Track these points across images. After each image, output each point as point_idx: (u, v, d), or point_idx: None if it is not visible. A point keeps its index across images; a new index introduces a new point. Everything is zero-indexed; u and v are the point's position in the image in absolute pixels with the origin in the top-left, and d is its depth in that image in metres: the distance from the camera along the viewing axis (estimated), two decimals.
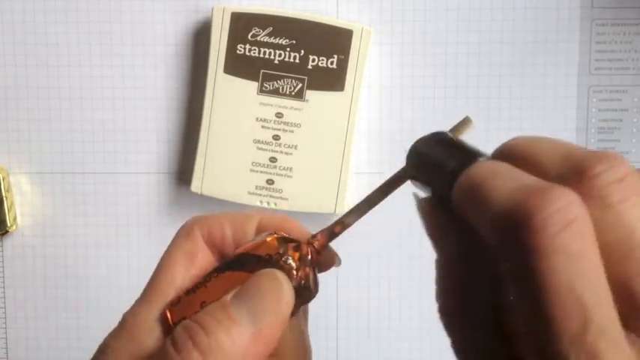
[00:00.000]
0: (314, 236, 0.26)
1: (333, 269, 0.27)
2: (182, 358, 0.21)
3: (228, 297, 0.23)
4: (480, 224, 0.19)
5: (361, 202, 0.26)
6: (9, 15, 0.54)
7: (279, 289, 0.23)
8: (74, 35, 0.54)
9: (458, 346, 0.21)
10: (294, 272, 0.24)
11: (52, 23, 0.54)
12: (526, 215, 0.17)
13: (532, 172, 0.19)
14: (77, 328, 0.56)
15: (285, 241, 0.25)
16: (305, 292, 0.24)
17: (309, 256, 0.25)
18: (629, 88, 0.54)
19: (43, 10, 0.54)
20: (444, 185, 0.21)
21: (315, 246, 0.25)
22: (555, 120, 0.54)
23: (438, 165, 0.22)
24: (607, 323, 0.17)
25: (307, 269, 0.24)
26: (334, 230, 0.26)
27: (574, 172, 0.19)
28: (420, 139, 0.24)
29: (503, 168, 0.20)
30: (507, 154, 0.21)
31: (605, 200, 0.18)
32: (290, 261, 0.24)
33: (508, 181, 0.19)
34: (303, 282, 0.24)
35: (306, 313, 0.27)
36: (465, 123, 0.25)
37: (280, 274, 0.23)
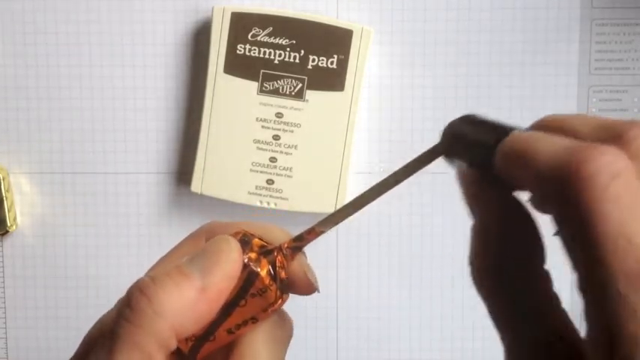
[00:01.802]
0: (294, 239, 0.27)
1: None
2: (132, 310, 0.23)
3: (183, 258, 0.25)
4: (527, 182, 0.20)
5: (385, 178, 0.26)
6: (9, 15, 0.54)
7: (228, 250, 0.25)
8: (74, 35, 0.54)
9: (493, 314, 0.22)
10: (262, 275, 0.25)
11: (52, 23, 0.54)
12: (577, 167, 0.18)
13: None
14: (77, 328, 0.56)
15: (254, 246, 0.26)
16: (262, 294, 0.25)
17: (279, 268, 0.26)
18: (629, 88, 0.54)
19: (43, 10, 0.54)
20: (485, 154, 0.21)
21: (284, 250, 0.26)
22: None
23: (476, 139, 0.22)
24: None
25: (270, 274, 0.25)
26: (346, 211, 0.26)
27: (612, 136, 0.20)
28: (453, 120, 0.24)
29: (543, 134, 0.21)
30: (543, 127, 0.22)
31: None
32: (254, 266, 0.25)
33: (551, 143, 0.20)
34: (262, 286, 0.25)
35: (285, 340, 0.28)
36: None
37: (232, 240, 0.25)
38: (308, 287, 0.26)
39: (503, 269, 0.22)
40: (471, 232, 0.23)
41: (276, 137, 0.52)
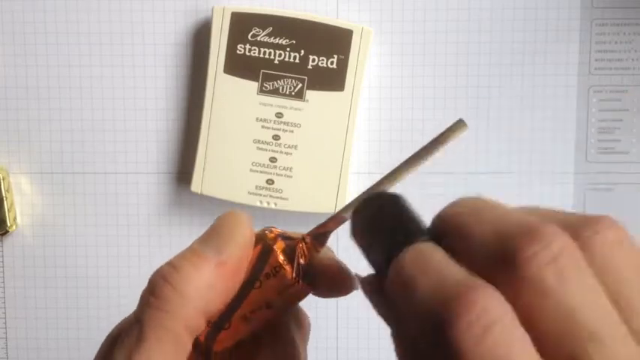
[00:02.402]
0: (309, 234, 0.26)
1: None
2: (157, 298, 0.23)
3: (196, 240, 0.25)
4: (407, 318, 0.19)
5: (341, 209, 0.26)
6: (9, 15, 0.54)
7: (237, 222, 0.25)
8: (74, 35, 0.54)
9: None
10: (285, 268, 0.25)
11: (52, 23, 0.54)
12: (446, 322, 0.17)
13: (465, 253, 0.19)
14: (77, 328, 0.56)
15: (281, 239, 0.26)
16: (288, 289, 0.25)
17: (298, 253, 0.25)
18: (629, 88, 0.54)
19: (43, 10, 0.54)
20: (381, 267, 0.20)
21: (307, 242, 0.26)
22: (555, 120, 0.54)
23: (380, 238, 0.21)
24: None
25: (290, 266, 0.25)
26: (328, 224, 0.26)
27: (504, 256, 0.18)
28: (366, 201, 0.23)
29: (431, 259, 0.19)
30: (442, 229, 0.20)
31: (540, 286, 0.17)
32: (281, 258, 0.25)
33: (433, 276, 0.18)
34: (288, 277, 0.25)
35: (306, 334, 0.28)
36: (458, 126, 0.25)
37: (240, 212, 0.25)
38: (343, 279, 0.26)
39: None
40: (390, 338, 0.22)
41: (276, 137, 0.52)
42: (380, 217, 0.22)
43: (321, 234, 0.26)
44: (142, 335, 0.23)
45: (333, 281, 0.26)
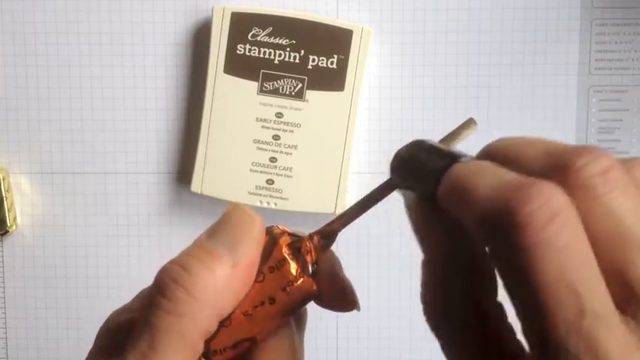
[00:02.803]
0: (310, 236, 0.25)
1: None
2: (169, 301, 0.22)
3: (203, 236, 0.24)
4: (466, 222, 0.19)
5: (345, 211, 0.25)
6: (9, 15, 0.54)
7: (249, 219, 0.24)
8: (74, 35, 0.54)
9: (447, 350, 0.22)
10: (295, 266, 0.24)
11: (52, 23, 0.54)
12: (510, 211, 0.17)
13: (517, 168, 0.19)
14: (77, 328, 0.56)
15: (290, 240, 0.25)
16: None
17: (304, 250, 0.25)
18: (629, 88, 0.54)
19: (43, 10, 0.54)
20: (430, 185, 0.21)
21: (314, 240, 0.25)
22: (555, 120, 0.54)
23: (422, 169, 0.22)
24: (601, 309, 0.17)
25: (302, 264, 0.24)
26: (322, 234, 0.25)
27: (557, 167, 0.19)
28: (401, 148, 0.23)
29: (486, 166, 0.20)
30: (490, 154, 0.21)
31: (591, 192, 0.18)
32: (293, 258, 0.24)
33: (491, 178, 0.19)
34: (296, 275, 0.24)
35: (302, 324, 0.27)
36: (468, 124, 0.25)
37: (248, 208, 0.24)
38: (343, 293, 0.25)
39: (453, 306, 0.21)
40: (421, 268, 0.22)
41: (276, 137, 0.52)
42: (426, 150, 0.22)
43: (328, 232, 0.25)
44: (155, 341, 0.22)
45: (336, 292, 0.25)
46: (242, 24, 0.51)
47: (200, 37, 0.54)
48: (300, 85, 0.51)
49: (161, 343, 0.22)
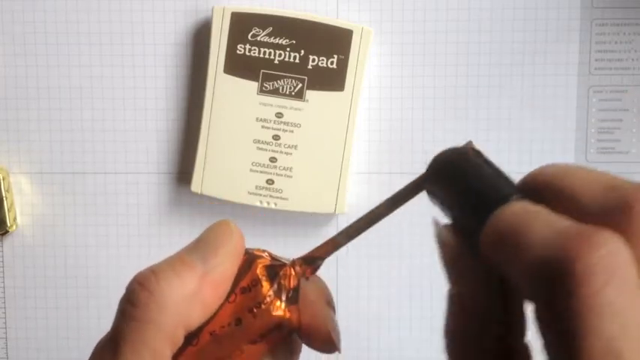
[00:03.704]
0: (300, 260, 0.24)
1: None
2: (134, 306, 0.21)
3: (185, 246, 0.23)
4: (512, 271, 0.18)
5: (368, 213, 0.24)
6: (9, 15, 0.54)
7: (227, 233, 0.23)
8: (74, 35, 0.54)
9: None
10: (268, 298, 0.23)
11: (52, 23, 0.54)
12: (567, 265, 0.16)
13: (570, 208, 0.18)
14: (77, 328, 0.56)
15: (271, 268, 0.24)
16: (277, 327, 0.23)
17: (282, 273, 0.23)
18: (629, 88, 0.54)
19: (43, 10, 0.54)
20: (472, 222, 0.19)
21: (296, 266, 0.23)
22: (555, 120, 0.54)
23: (466, 192, 0.20)
24: None
25: (280, 298, 0.23)
26: (329, 247, 0.24)
27: (619, 207, 0.17)
28: (448, 152, 0.21)
29: (539, 211, 0.18)
30: (540, 186, 0.20)
31: None
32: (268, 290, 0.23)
33: (545, 226, 0.17)
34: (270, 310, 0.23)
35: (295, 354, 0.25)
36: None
37: (231, 222, 0.24)
38: (322, 330, 0.23)
39: (479, 342, 0.20)
40: (447, 299, 0.21)
41: (276, 137, 0.52)
42: (469, 172, 0.20)
43: (313, 258, 0.24)
44: (118, 349, 0.21)
45: (315, 328, 0.23)
46: (242, 24, 0.51)
47: (200, 37, 0.54)
48: (300, 85, 0.51)
49: (124, 350, 0.21)
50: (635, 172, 0.54)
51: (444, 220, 0.21)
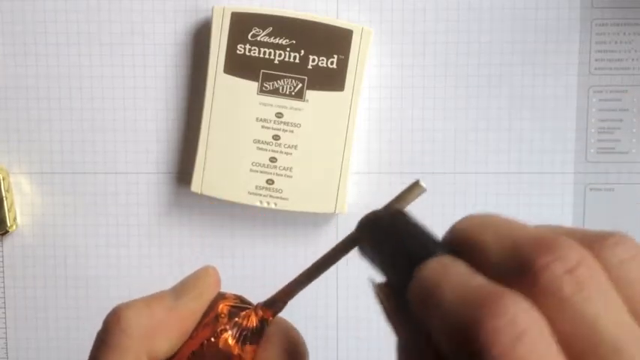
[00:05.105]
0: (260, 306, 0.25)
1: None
2: (104, 332, 0.24)
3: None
4: (432, 328, 0.18)
5: (306, 270, 0.25)
6: (9, 15, 0.54)
7: (204, 275, 0.26)
8: (74, 35, 0.54)
9: None
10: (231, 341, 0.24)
11: (52, 23, 0.54)
12: (472, 331, 0.16)
13: (483, 264, 0.19)
14: (77, 328, 0.56)
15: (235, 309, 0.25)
16: None
17: (242, 314, 0.25)
18: (629, 88, 0.54)
19: (42, 10, 0.54)
20: (401, 280, 0.20)
21: (257, 309, 0.25)
22: (555, 120, 0.54)
23: (393, 252, 0.21)
24: None
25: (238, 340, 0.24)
26: (275, 301, 0.25)
27: (521, 266, 0.17)
28: (380, 212, 0.22)
29: (455, 268, 0.19)
30: (460, 241, 0.20)
31: (557, 296, 0.17)
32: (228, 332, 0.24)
33: (456, 285, 0.18)
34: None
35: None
36: (414, 188, 0.23)
37: (213, 270, 0.26)
38: None
39: None
40: (397, 351, 0.21)
41: (276, 137, 0.52)
42: (394, 233, 0.21)
43: (274, 301, 0.25)
44: None
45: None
46: (242, 24, 0.51)
47: (200, 37, 0.54)
48: (300, 85, 0.51)
49: None
50: (635, 172, 0.54)
51: (380, 278, 0.22)
